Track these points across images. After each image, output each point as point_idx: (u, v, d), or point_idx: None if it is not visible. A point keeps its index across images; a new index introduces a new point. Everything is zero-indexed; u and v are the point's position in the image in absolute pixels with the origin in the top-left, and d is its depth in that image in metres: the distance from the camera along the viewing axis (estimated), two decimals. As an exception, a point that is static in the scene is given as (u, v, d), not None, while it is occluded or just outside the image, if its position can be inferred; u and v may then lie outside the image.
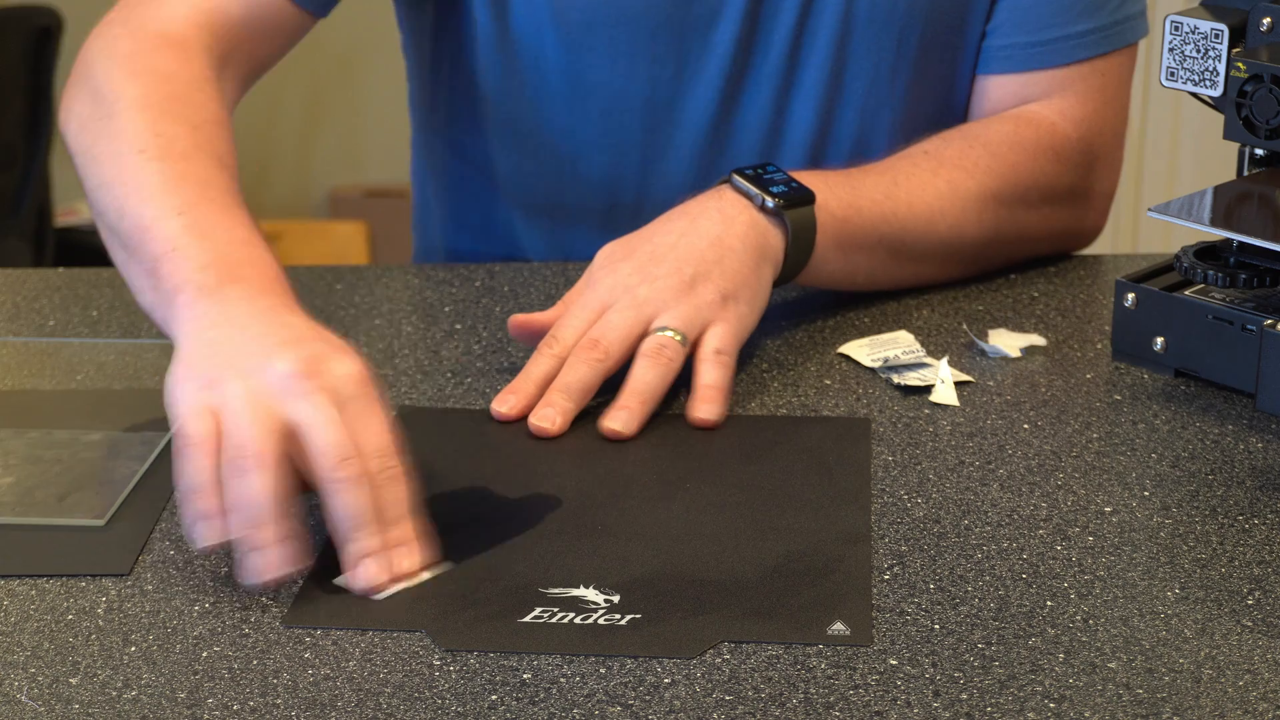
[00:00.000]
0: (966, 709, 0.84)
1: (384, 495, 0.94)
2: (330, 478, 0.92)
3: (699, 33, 1.32)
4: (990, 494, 1.03)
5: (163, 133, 1.11)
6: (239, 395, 0.93)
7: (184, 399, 0.95)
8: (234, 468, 0.92)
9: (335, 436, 0.93)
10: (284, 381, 0.93)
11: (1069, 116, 1.34)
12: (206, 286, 1.01)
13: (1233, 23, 1.14)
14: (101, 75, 1.18)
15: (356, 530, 0.93)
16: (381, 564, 0.93)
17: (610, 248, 1.18)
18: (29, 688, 0.87)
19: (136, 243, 1.06)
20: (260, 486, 0.91)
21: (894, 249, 1.25)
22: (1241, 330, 1.12)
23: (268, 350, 0.95)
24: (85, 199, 1.14)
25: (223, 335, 0.98)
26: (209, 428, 0.93)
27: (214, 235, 1.04)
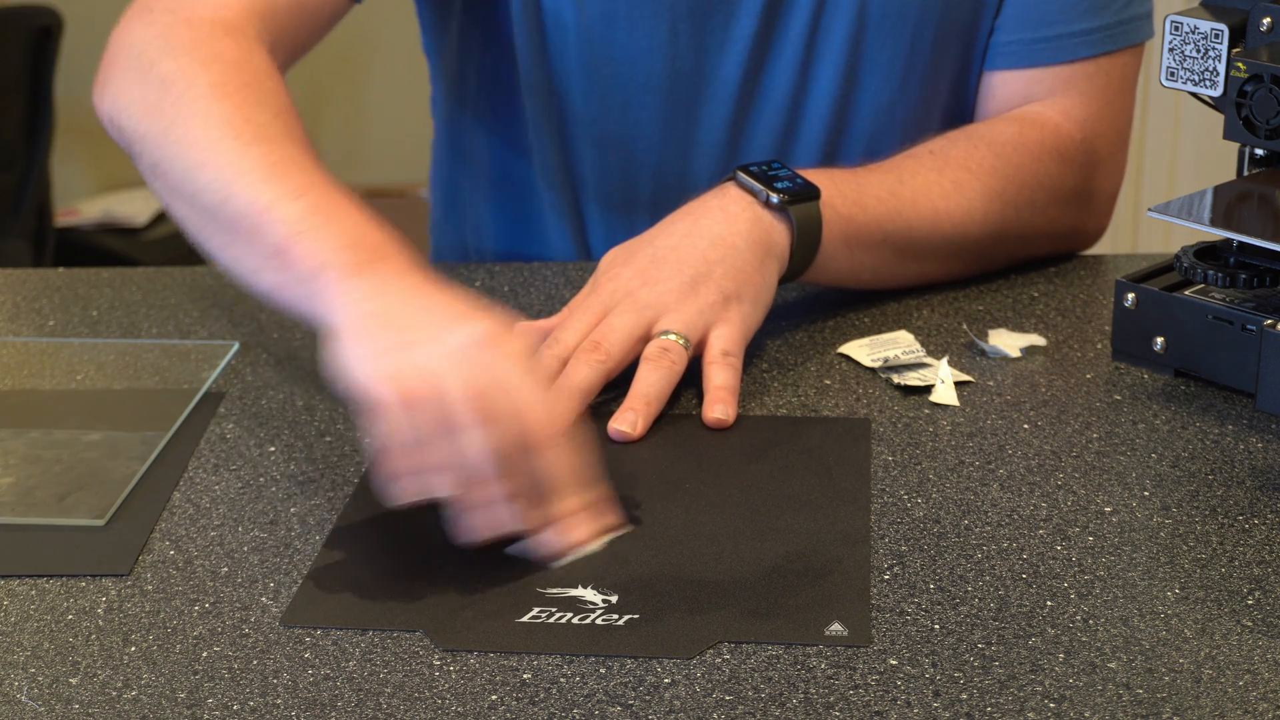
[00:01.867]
0: (966, 709, 0.84)
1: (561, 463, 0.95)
2: (536, 441, 0.94)
3: (718, 25, 1.32)
4: (990, 494, 1.03)
5: (251, 118, 1.11)
6: (438, 357, 0.94)
7: (365, 365, 0.96)
8: (442, 426, 0.92)
9: (533, 400, 0.94)
10: (473, 349, 0.95)
11: (1072, 117, 1.34)
12: (354, 264, 1.01)
13: (1233, 23, 1.14)
14: (163, 63, 1.16)
15: (562, 494, 0.96)
16: (567, 529, 0.96)
17: (614, 252, 1.18)
18: (29, 688, 0.87)
19: (252, 225, 1.05)
20: (478, 443, 0.92)
21: (899, 247, 1.26)
22: (1241, 330, 1.12)
23: (447, 320, 0.97)
24: (138, 186, 1.13)
25: (389, 305, 0.98)
26: (401, 389, 0.93)
27: (341, 217, 1.04)
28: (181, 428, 1.12)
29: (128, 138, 1.16)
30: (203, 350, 1.22)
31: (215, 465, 1.08)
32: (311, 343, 1.23)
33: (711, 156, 1.36)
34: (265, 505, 1.03)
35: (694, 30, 1.32)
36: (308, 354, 1.22)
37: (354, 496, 1.04)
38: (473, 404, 0.92)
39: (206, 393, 1.16)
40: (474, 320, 0.97)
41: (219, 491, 1.05)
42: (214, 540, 1.00)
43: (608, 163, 1.38)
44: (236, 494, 1.05)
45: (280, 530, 1.01)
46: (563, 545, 0.96)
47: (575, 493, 0.97)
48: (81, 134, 3.78)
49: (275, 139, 1.10)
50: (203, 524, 1.01)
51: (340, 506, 1.03)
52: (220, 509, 1.03)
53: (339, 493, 1.04)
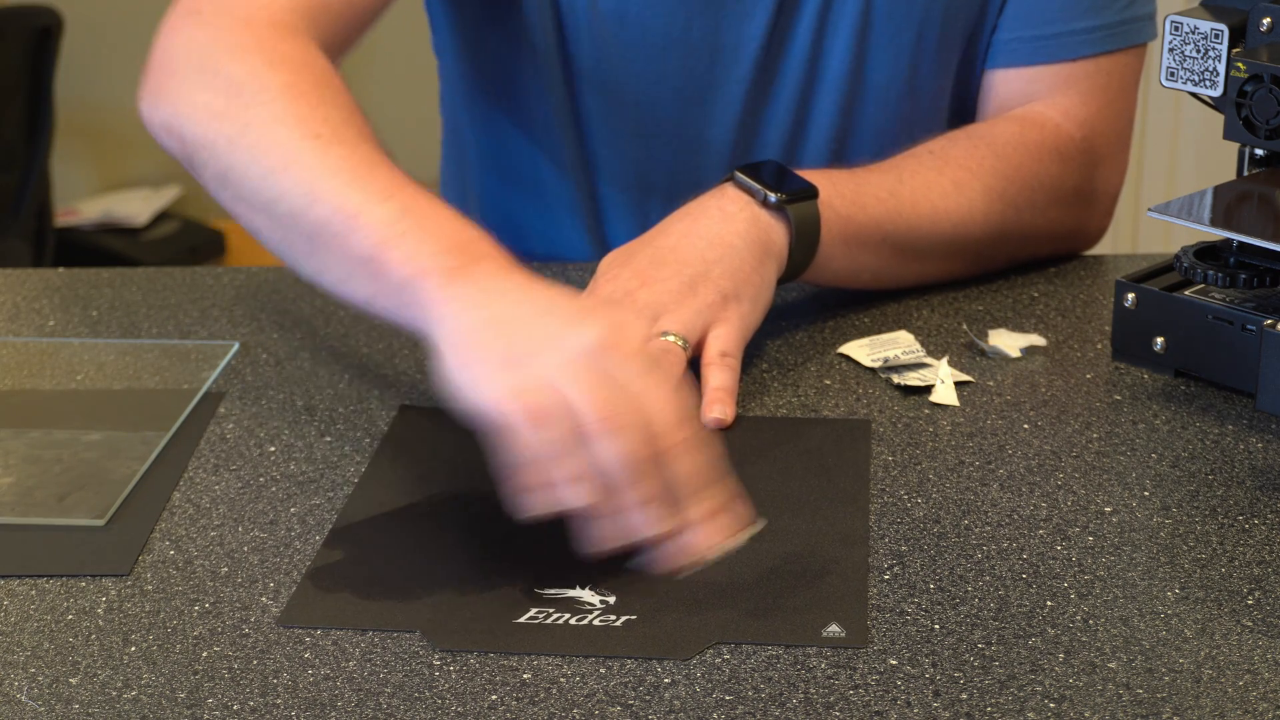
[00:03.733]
0: (966, 709, 0.84)
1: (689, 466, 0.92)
2: (667, 445, 0.90)
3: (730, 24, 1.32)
4: (990, 494, 1.03)
5: (328, 118, 1.07)
6: (559, 368, 0.90)
7: (484, 383, 0.91)
8: (572, 439, 0.89)
9: (664, 402, 0.91)
10: (594, 355, 0.91)
11: (1073, 116, 1.34)
12: (454, 269, 0.96)
13: (1233, 23, 1.14)
14: (231, 66, 1.11)
15: (697, 495, 0.91)
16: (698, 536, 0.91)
17: (613, 254, 1.18)
18: (29, 688, 0.87)
19: (341, 230, 1.01)
20: (616, 452, 0.89)
21: (899, 246, 1.26)
22: (1241, 330, 1.12)
23: (562, 324, 0.92)
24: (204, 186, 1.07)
25: (501, 314, 0.94)
26: (534, 403, 0.89)
27: (433, 219, 1.00)
28: (181, 428, 1.12)
29: (190, 146, 1.11)
30: (203, 350, 1.22)
31: (215, 465, 1.08)
32: (311, 342, 1.23)
33: (722, 154, 1.37)
34: (265, 505, 1.03)
35: (706, 30, 1.33)
36: (308, 354, 1.22)
37: (353, 497, 1.04)
38: (600, 414, 0.89)
39: (206, 393, 1.16)
40: (589, 321, 0.92)
41: (219, 491, 1.05)
42: (214, 540, 1.00)
43: (623, 158, 1.38)
44: (236, 494, 1.05)
45: (280, 530, 1.01)
46: (699, 550, 0.91)
47: (708, 494, 0.92)
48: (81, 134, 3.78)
49: (353, 140, 1.06)
50: (203, 524, 1.01)
51: (340, 506, 1.03)
52: (220, 509, 1.03)
53: (339, 493, 1.04)
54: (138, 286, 1.34)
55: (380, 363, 1.20)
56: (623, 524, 0.90)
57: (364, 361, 1.20)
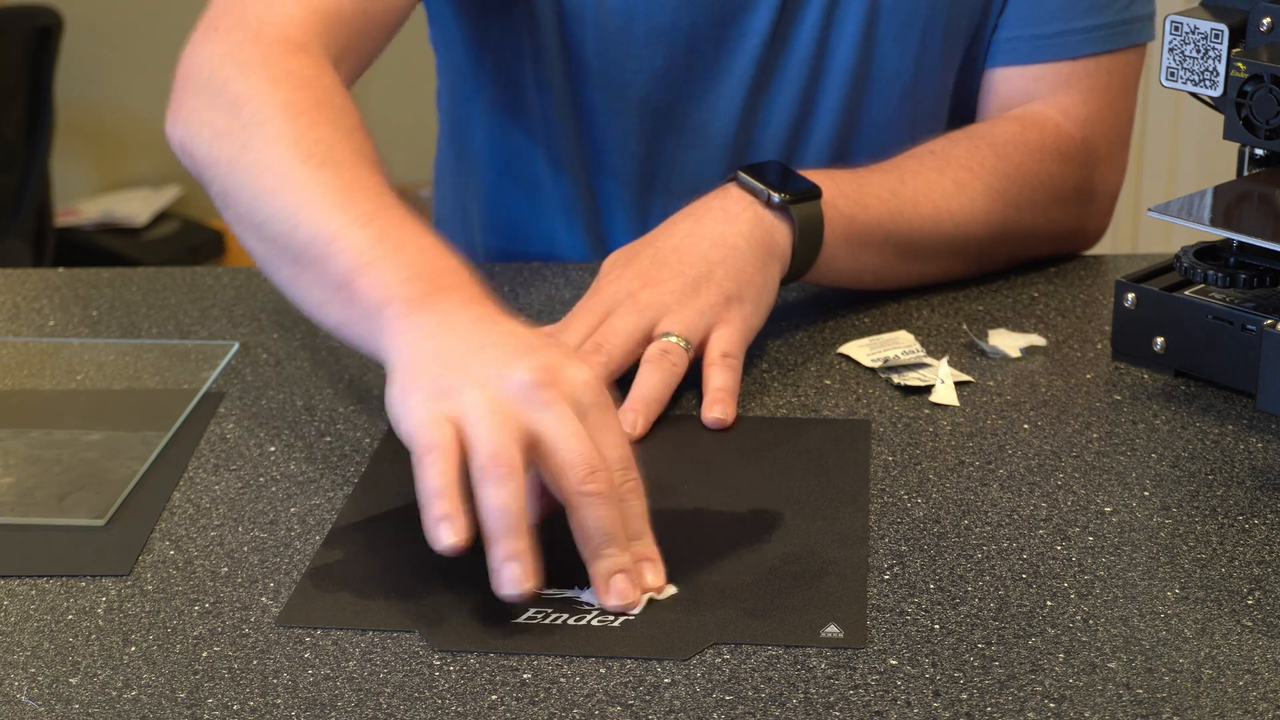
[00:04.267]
0: (966, 709, 0.84)
1: (628, 509, 0.92)
2: (579, 491, 0.90)
3: (734, 20, 1.32)
4: (990, 494, 1.03)
5: (322, 139, 1.06)
6: (480, 404, 0.90)
7: (416, 409, 0.92)
8: (486, 475, 0.89)
9: (583, 450, 0.90)
10: (524, 391, 0.91)
11: (1072, 116, 1.34)
12: (415, 298, 0.97)
13: (1233, 23, 1.14)
14: (235, 82, 1.11)
15: (608, 545, 0.91)
16: (632, 579, 0.92)
17: (616, 254, 1.18)
18: (29, 688, 0.87)
19: (318, 255, 1.01)
20: (515, 494, 0.89)
21: (901, 246, 1.26)
22: (1241, 330, 1.12)
23: (501, 359, 0.92)
24: (215, 202, 1.07)
25: (446, 345, 0.94)
26: (449, 435, 0.90)
27: (406, 245, 1.00)
28: (181, 428, 1.12)
29: (199, 165, 1.12)
30: (203, 350, 1.22)
31: (215, 465, 1.08)
32: (311, 342, 1.23)
33: (723, 149, 1.37)
34: (265, 505, 1.03)
35: (709, 24, 1.33)
36: (308, 354, 1.22)
37: (352, 497, 1.04)
38: (489, 458, 0.89)
39: (206, 393, 1.16)
40: (523, 359, 0.92)
41: (219, 491, 1.05)
42: (214, 540, 1.00)
43: (624, 153, 1.38)
44: (236, 494, 1.05)
45: (280, 530, 1.01)
46: (633, 596, 0.92)
47: (614, 549, 0.92)
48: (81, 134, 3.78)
49: (345, 161, 1.05)
50: (203, 524, 1.01)
51: (340, 506, 1.03)
52: (220, 509, 1.03)
53: (339, 493, 1.04)
54: (138, 286, 1.34)
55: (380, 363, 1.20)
56: (524, 567, 0.89)
57: (364, 361, 1.20)
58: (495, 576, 0.90)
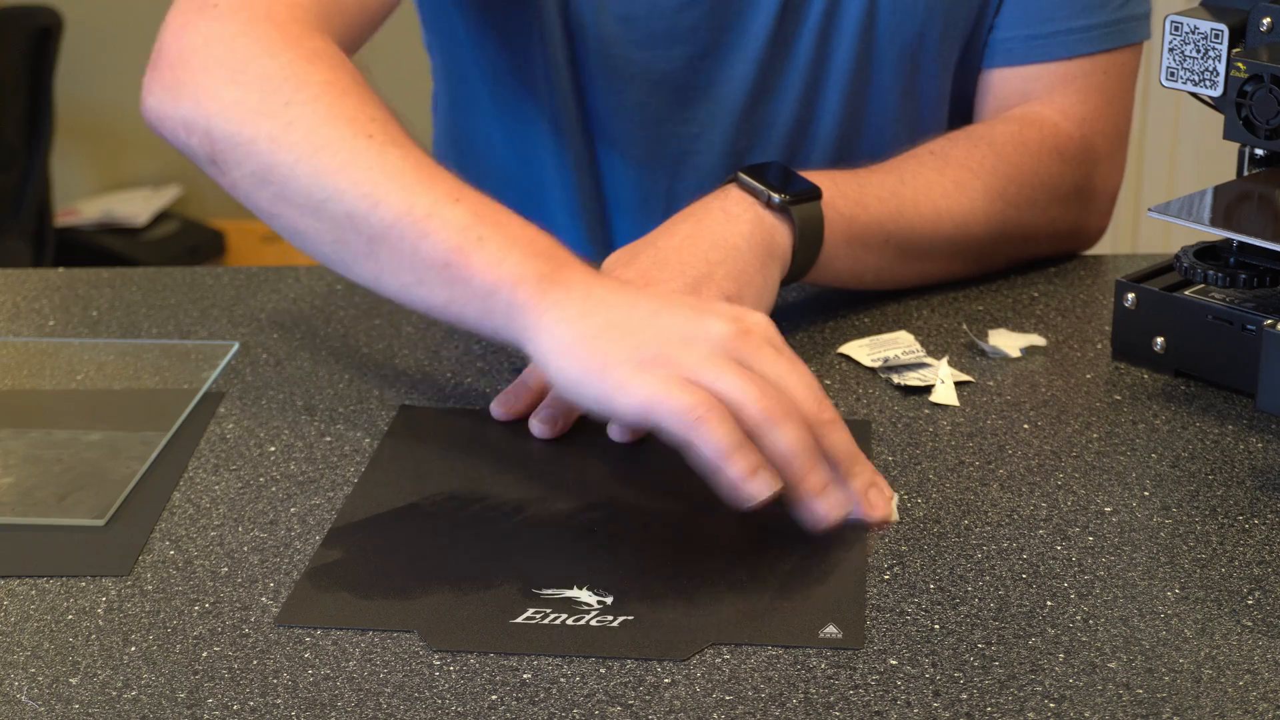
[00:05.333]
0: (966, 709, 0.84)
1: (846, 434, 0.97)
2: (819, 419, 0.95)
3: (734, 26, 1.33)
4: (990, 494, 1.03)
5: (375, 117, 1.04)
6: (708, 360, 0.92)
7: (635, 380, 0.92)
8: (771, 419, 0.92)
9: (805, 383, 0.95)
10: (733, 342, 0.93)
11: (1070, 115, 1.34)
12: (546, 275, 0.96)
13: (1233, 23, 1.14)
14: (261, 61, 1.07)
15: (856, 462, 0.97)
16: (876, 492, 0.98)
17: (616, 254, 1.18)
18: (29, 688, 0.87)
19: (408, 234, 0.98)
20: (801, 434, 0.92)
21: (901, 247, 1.26)
22: (1241, 330, 1.12)
23: (688, 318, 0.94)
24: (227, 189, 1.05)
25: (614, 318, 0.94)
26: (702, 396, 0.91)
27: (506, 223, 0.98)
28: (181, 428, 1.12)
29: (221, 145, 1.07)
30: (203, 350, 1.22)
31: (215, 465, 1.08)
32: (311, 342, 1.23)
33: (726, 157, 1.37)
34: (265, 505, 1.03)
35: (710, 30, 1.33)
36: (308, 354, 1.22)
37: (352, 496, 1.04)
38: (762, 404, 0.92)
39: (206, 393, 1.16)
40: (712, 314, 0.95)
41: (219, 491, 1.05)
42: (214, 540, 1.00)
43: (627, 159, 1.38)
44: (236, 494, 1.05)
45: (280, 530, 1.01)
46: (882, 510, 0.98)
47: (861, 466, 0.98)
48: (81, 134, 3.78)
49: (406, 142, 1.03)
50: (203, 524, 1.01)
51: (340, 506, 1.03)
52: (220, 509, 1.03)
53: (339, 493, 1.04)
54: (138, 286, 1.34)
55: (380, 363, 1.20)
56: (817, 505, 0.94)
57: (364, 361, 1.20)
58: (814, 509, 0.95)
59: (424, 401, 1.15)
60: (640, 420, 0.93)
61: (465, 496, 1.03)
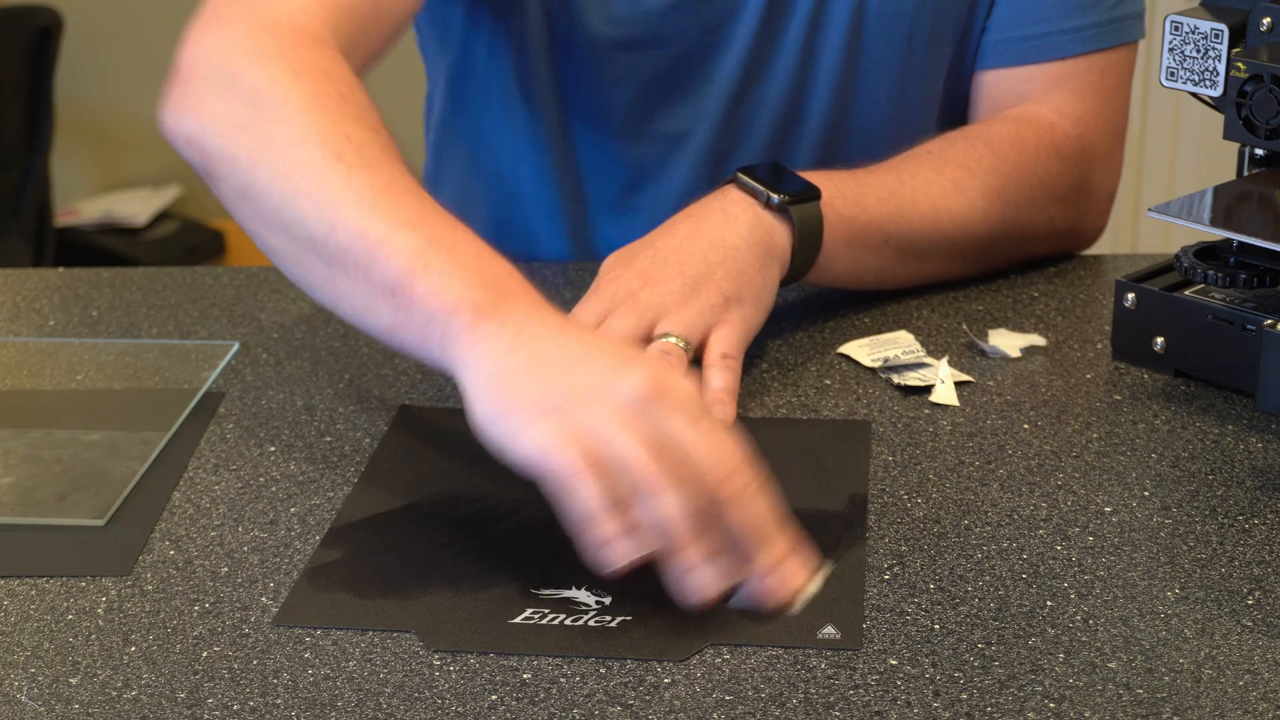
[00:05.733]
0: (966, 709, 0.84)
1: (758, 508, 0.90)
2: (720, 497, 0.89)
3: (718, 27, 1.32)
4: (990, 494, 1.03)
5: (352, 137, 1.02)
6: (607, 419, 0.88)
7: (532, 429, 0.89)
8: (642, 491, 0.87)
9: (714, 454, 0.89)
10: (644, 402, 0.89)
11: (1066, 115, 1.34)
12: (482, 305, 0.93)
13: (1233, 23, 1.14)
14: (250, 73, 1.06)
15: (767, 538, 0.90)
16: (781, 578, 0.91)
17: (616, 254, 1.18)
18: (29, 688, 0.87)
19: (363, 259, 0.97)
20: (678, 505, 0.87)
21: (901, 247, 1.26)
22: (1241, 330, 1.12)
23: (604, 370, 0.90)
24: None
25: (535, 358, 0.91)
26: (587, 453, 0.87)
27: (459, 249, 0.96)
28: (181, 428, 1.12)
29: (211, 160, 1.06)
30: (203, 350, 1.22)
31: (215, 465, 1.08)
32: (311, 342, 1.23)
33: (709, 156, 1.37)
34: (265, 505, 1.03)
35: (696, 31, 1.32)
36: (308, 354, 1.22)
37: (352, 496, 1.04)
38: (654, 467, 0.87)
39: (206, 393, 1.16)
40: (632, 368, 0.90)
41: (219, 491, 1.05)
42: (214, 540, 1.00)
43: (610, 159, 1.38)
44: (236, 494, 1.05)
45: (280, 530, 1.01)
46: (785, 593, 0.91)
47: (772, 541, 0.91)
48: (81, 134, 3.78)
49: (378, 161, 1.01)
50: (203, 524, 1.01)
51: (339, 506, 1.03)
52: (220, 509, 1.03)
53: (338, 493, 1.04)
54: (138, 286, 1.34)
55: (380, 363, 1.20)
56: (723, 565, 0.89)
57: (364, 361, 1.21)
58: (685, 584, 0.89)
59: (424, 401, 1.15)
60: (529, 469, 0.89)
61: (464, 496, 1.03)
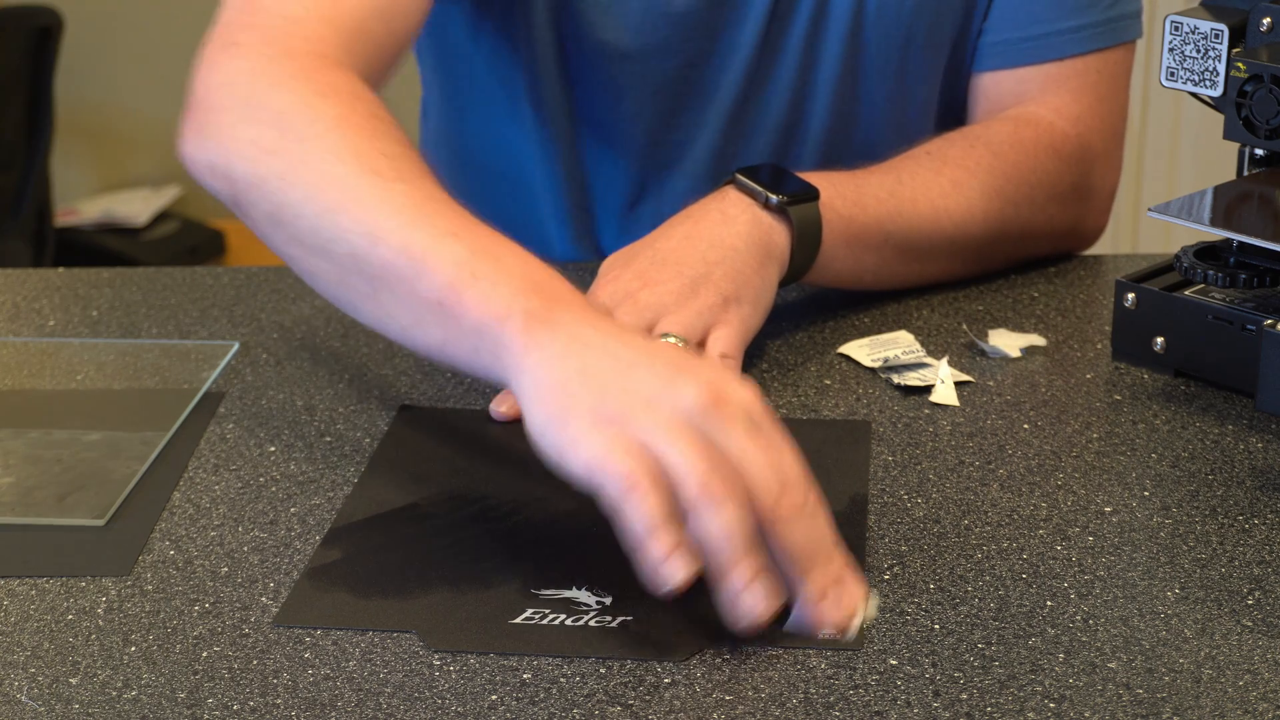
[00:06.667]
0: (966, 709, 0.84)
1: (814, 527, 0.88)
2: (776, 511, 0.86)
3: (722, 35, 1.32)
4: (990, 494, 1.03)
5: (385, 152, 1.00)
6: (665, 429, 0.86)
7: (588, 438, 0.87)
8: (706, 500, 0.85)
9: (772, 468, 0.87)
10: (701, 413, 0.87)
11: (1065, 115, 1.34)
12: (533, 312, 0.91)
13: (1233, 23, 1.14)
14: (275, 97, 1.05)
15: (815, 561, 0.87)
16: (836, 601, 0.88)
17: (614, 256, 1.18)
18: (29, 688, 0.87)
19: (406, 273, 0.95)
20: (737, 519, 0.85)
21: (900, 247, 1.26)
22: (1241, 330, 1.12)
23: (660, 381, 0.88)
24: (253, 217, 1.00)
25: (590, 364, 0.89)
26: (645, 465, 0.85)
27: (505, 258, 0.94)
28: (181, 428, 1.12)
29: (239, 186, 1.04)
30: (203, 350, 1.22)
31: (215, 465, 1.08)
32: (311, 342, 1.23)
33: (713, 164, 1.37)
34: (265, 505, 1.03)
35: (701, 39, 1.32)
36: (308, 354, 1.22)
37: (352, 496, 1.04)
38: (703, 482, 0.85)
39: (206, 393, 1.16)
40: (688, 378, 0.88)
41: (219, 491, 1.05)
42: (214, 540, 1.00)
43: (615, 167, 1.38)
44: (236, 494, 1.05)
45: (280, 530, 1.01)
46: (840, 618, 0.88)
47: (823, 564, 0.88)
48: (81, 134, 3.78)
49: (414, 176, 0.99)
50: (203, 524, 1.01)
51: (339, 506, 1.03)
52: (220, 509, 1.03)
53: (339, 493, 1.04)
54: (138, 286, 1.34)
55: (380, 363, 1.20)
56: (742, 599, 0.86)
57: (364, 361, 1.21)
58: (737, 604, 0.87)
59: (424, 401, 1.15)
60: (585, 480, 0.87)
61: (465, 496, 1.03)
